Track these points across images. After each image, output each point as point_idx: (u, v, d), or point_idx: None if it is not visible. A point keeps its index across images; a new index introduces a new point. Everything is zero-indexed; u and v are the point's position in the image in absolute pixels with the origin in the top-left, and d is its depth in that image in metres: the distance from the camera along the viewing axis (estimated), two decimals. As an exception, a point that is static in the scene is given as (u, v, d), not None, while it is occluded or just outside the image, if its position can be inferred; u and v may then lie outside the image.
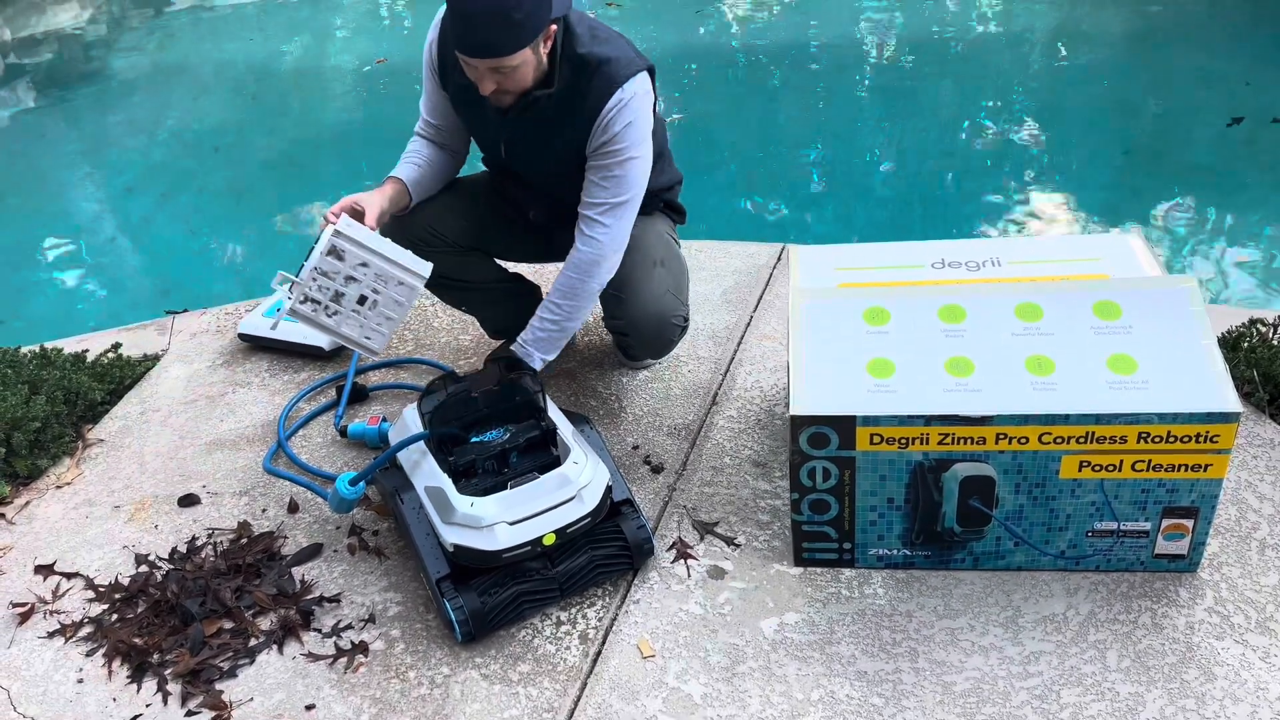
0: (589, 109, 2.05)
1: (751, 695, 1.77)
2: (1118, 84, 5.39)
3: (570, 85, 2.05)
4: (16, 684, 1.90)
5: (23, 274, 4.35)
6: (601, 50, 2.05)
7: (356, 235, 2.09)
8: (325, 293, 2.11)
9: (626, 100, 2.04)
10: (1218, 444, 1.76)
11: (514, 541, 1.84)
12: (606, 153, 2.08)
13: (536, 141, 2.14)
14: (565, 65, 2.04)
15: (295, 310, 2.12)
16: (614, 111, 2.04)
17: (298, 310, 2.13)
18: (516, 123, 2.11)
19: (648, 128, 2.11)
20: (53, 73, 6.58)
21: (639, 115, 2.07)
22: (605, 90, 2.03)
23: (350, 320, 2.16)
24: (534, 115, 2.09)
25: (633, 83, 2.05)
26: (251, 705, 1.82)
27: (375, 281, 2.13)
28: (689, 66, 5.75)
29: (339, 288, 2.12)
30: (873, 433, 1.83)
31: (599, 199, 2.12)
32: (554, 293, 2.17)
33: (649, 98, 2.11)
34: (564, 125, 2.09)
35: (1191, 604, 1.88)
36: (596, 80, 2.04)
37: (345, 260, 2.09)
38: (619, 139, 2.06)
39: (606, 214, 2.12)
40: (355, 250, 2.09)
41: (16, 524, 2.29)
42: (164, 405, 2.65)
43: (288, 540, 2.18)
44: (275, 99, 6.07)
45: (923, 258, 2.13)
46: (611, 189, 2.11)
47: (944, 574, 1.98)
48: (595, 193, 2.12)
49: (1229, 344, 2.38)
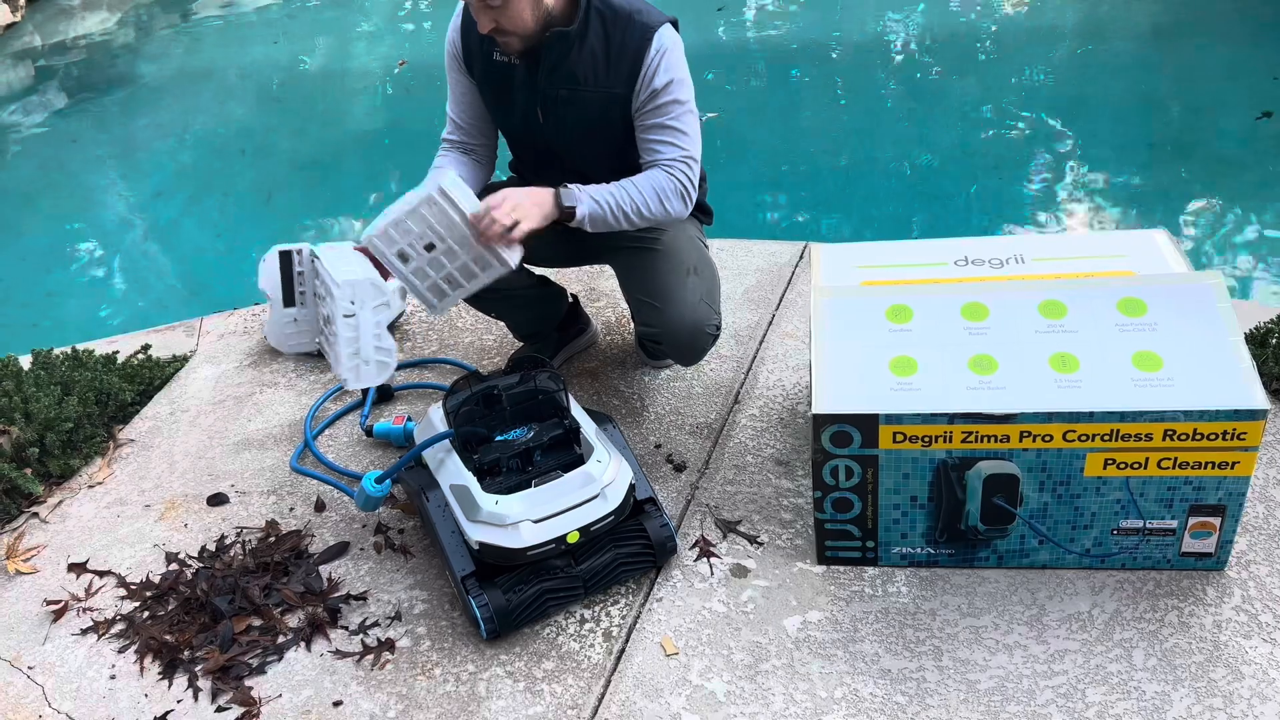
0: (630, 57, 2.05)
1: (775, 693, 1.78)
2: (1144, 78, 5.34)
3: (603, 36, 2.06)
4: (51, 680, 1.94)
5: (55, 277, 4.42)
6: (631, 2, 2.08)
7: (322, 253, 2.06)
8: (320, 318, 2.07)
9: (667, 48, 2.06)
10: (1245, 441, 1.75)
11: (538, 539, 1.85)
12: (660, 107, 2.08)
13: (575, 98, 2.12)
14: (594, 15, 2.05)
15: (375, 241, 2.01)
16: (657, 61, 2.05)
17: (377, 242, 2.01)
18: (551, 82, 2.10)
19: (690, 80, 2.12)
20: (82, 78, 6.67)
21: (681, 67, 2.09)
22: (642, 36, 2.04)
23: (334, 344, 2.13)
24: (568, 67, 2.08)
25: (666, 29, 2.07)
26: (280, 701, 1.85)
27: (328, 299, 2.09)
28: (709, 64, 5.75)
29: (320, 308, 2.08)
30: (896, 431, 1.83)
31: (666, 154, 2.10)
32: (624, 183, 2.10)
33: (681, 46, 2.12)
34: (604, 77, 2.08)
35: (1219, 602, 1.86)
36: (631, 29, 2.05)
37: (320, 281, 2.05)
38: (669, 91, 2.07)
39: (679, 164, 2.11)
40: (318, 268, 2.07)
41: (50, 523, 2.33)
42: (193, 405, 2.68)
43: (315, 538, 2.20)
44: (300, 102, 6.13)
45: (945, 255, 2.12)
46: (675, 142, 2.10)
47: (968, 572, 1.97)
48: (659, 149, 2.11)
49: (1257, 340, 2.36)
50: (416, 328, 2.89)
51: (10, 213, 5.05)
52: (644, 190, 2.10)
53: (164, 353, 2.89)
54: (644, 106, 2.09)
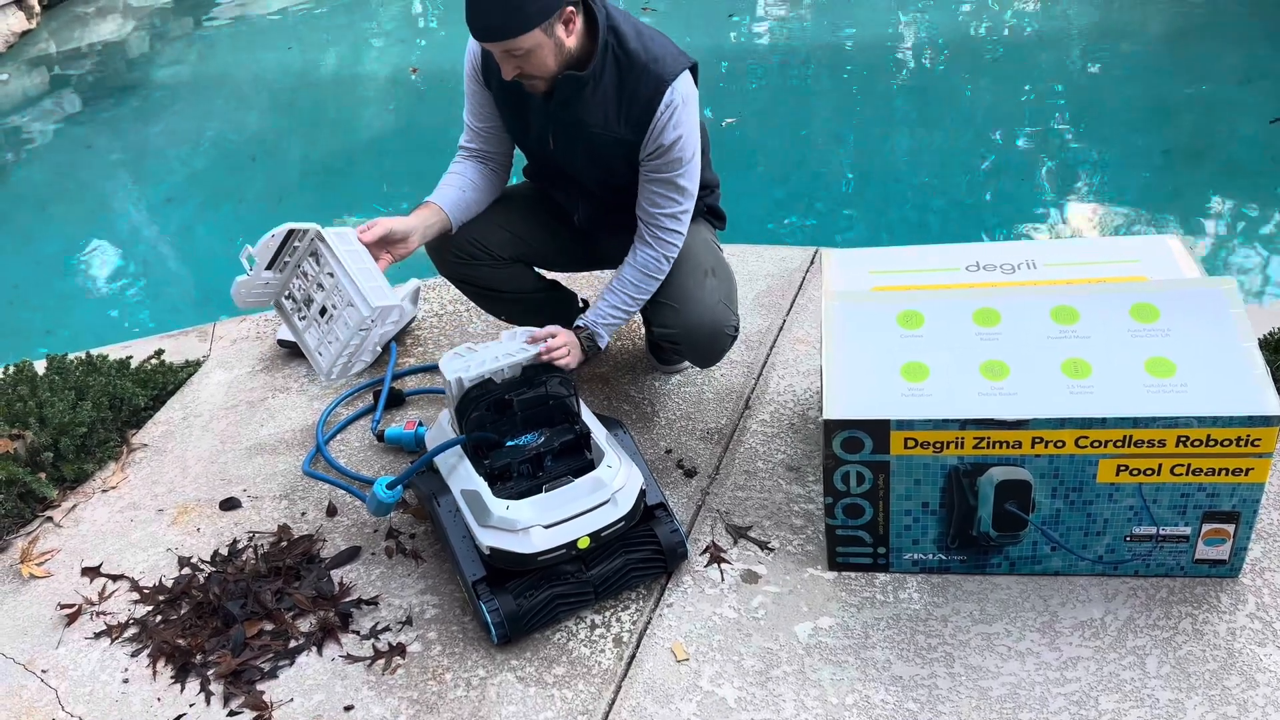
0: (641, 108, 2.07)
1: (786, 699, 1.77)
2: (1156, 83, 5.32)
3: (617, 83, 2.07)
4: (64, 683, 1.95)
5: (68, 282, 4.44)
6: (648, 47, 2.08)
7: (335, 244, 2.09)
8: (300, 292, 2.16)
9: (678, 104, 2.07)
10: (1259, 448, 1.74)
11: (549, 544, 1.85)
12: (666, 163, 2.11)
13: (583, 134, 2.14)
14: (610, 60, 2.06)
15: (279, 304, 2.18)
16: (667, 116, 2.06)
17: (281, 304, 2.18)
18: (562, 113, 2.12)
19: (698, 131, 2.15)
20: (96, 84, 6.71)
21: (691, 121, 2.11)
22: (656, 89, 2.06)
23: (312, 329, 2.19)
24: (579, 107, 2.10)
25: (681, 81, 2.08)
26: (292, 706, 1.85)
27: (334, 296, 2.15)
28: (721, 71, 5.76)
29: (311, 292, 2.14)
30: (907, 437, 1.82)
31: (664, 208, 2.16)
32: (621, 284, 2.22)
33: (695, 97, 2.14)
34: (613, 121, 2.10)
35: (1233, 610, 1.85)
36: (645, 79, 2.06)
37: (320, 265, 2.11)
38: (676, 149, 2.09)
39: (671, 221, 2.17)
40: (328, 257, 2.10)
41: (64, 527, 2.34)
42: (205, 410, 2.70)
43: (326, 543, 2.21)
44: (312, 108, 6.15)
45: (957, 261, 2.12)
46: (675, 197, 2.15)
47: (980, 579, 1.97)
48: (658, 201, 2.16)
49: (1270, 346, 2.35)
50: (428, 333, 2.90)
51: (25, 218, 5.08)
52: (639, 285, 2.22)
53: (177, 358, 2.90)
54: (650, 159, 2.13)
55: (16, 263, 4.57)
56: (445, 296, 3.06)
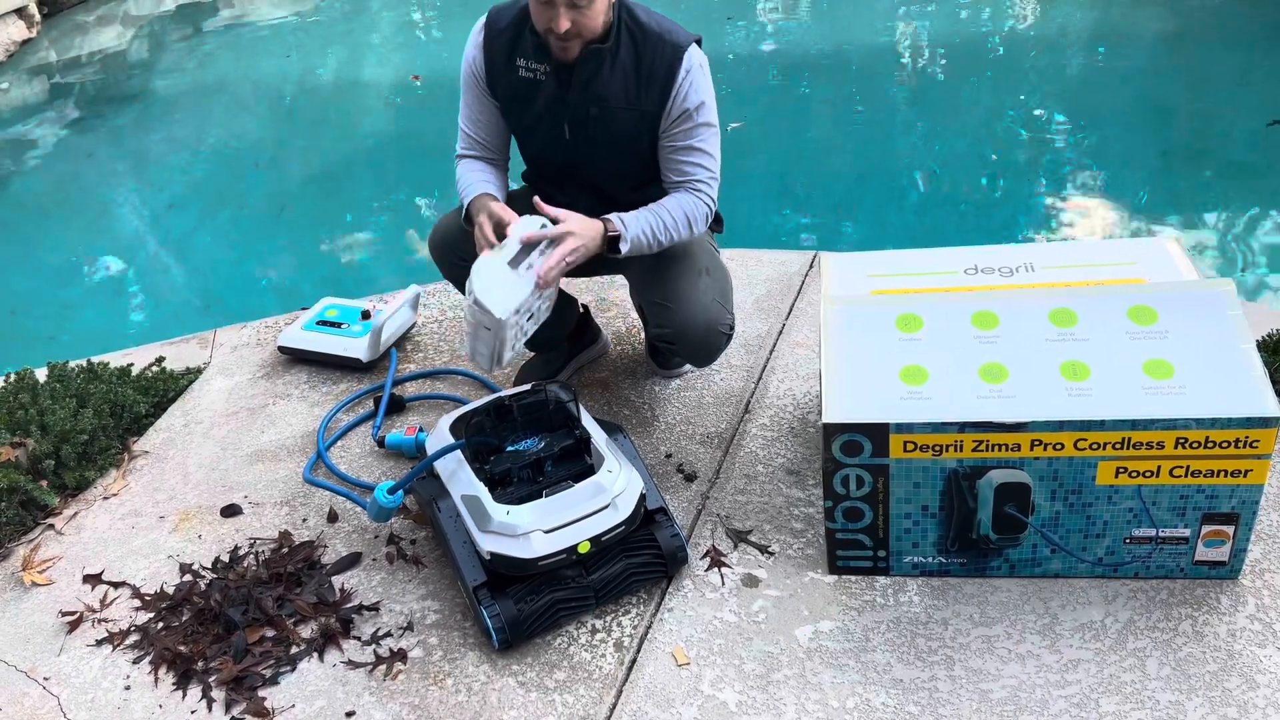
0: (662, 77, 2.10)
1: (787, 703, 1.77)
2: (1155, 84, 5.33)
3: (634, 54, 2.10)
4: (66, 691, 1.95)
5: (70, 290, 4.45)
6: (658, 20, 2.14)
7: None
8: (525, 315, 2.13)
9: (696, 69, 2.11)
10: (1258, 449, 1.74)
11: (549, 549, 1.86)
12: (690, 129, 2.14)
13: (605, 114, 2.15)
14: (625, 33, 2.10)
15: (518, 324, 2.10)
16: (689, 83, 2.10)
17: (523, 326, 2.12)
18: (582, 95, 2.13)
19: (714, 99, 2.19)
20: (97, 92, 6.73)
21: (709, 88, 2.15)
22: (673, 55, 2.10)
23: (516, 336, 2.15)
24: (599, 84, 2.11)
25: (694, 49, 2.13)
26: (293, 712, 1.86)
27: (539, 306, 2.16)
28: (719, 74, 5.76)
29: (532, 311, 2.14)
30: (906, 440, 1.83)
31: (693, 175, 2.17)
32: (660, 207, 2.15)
33: (707, 66, 2.17)
34: (634, 95, 2.12)
35: (1233, 611, 1.85)
36: (661, 48, 2.10)
37: None
38: (700, 113, 2.13)
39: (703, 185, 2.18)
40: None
41: (65, 534, 2.35)
42: (206, 417, 2.70)
43: (327, 549, 2.21)
44: (312, 115, 6.17)
45: (955, 264, 2.13)
46: (702, 163, 2.17)
47: (980, 581, 1.97)
48: (686, 170, 2.18)
49: (1269, 347, 2.35)
50: (428, 339, 2.91)
51: (26, 226, 5.10)
52: (677, 216, 2.15)
53: (178, 365, 2.91)
54: (674, 127, 2.14)
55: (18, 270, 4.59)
56: (445, 302, 3.06)
